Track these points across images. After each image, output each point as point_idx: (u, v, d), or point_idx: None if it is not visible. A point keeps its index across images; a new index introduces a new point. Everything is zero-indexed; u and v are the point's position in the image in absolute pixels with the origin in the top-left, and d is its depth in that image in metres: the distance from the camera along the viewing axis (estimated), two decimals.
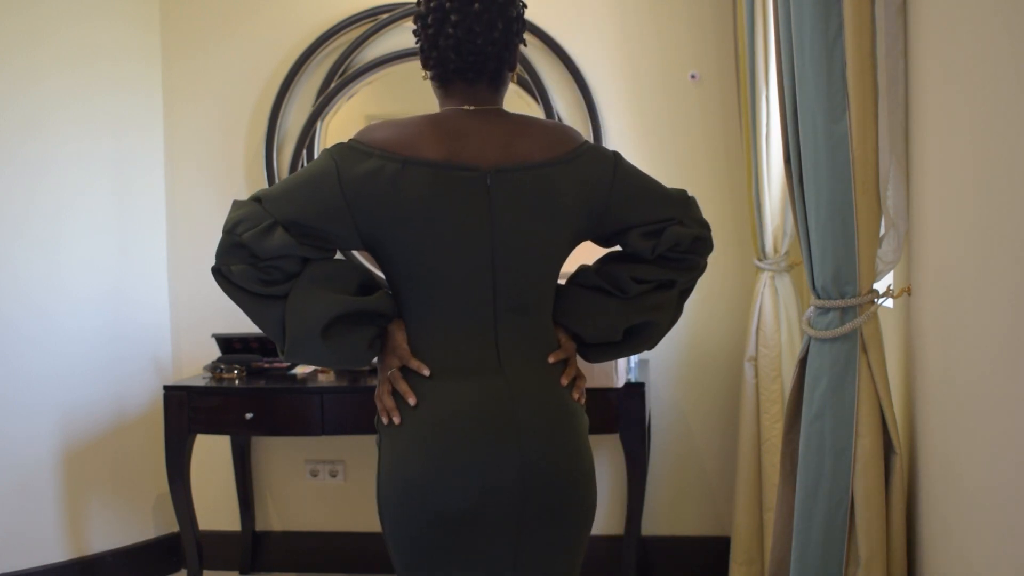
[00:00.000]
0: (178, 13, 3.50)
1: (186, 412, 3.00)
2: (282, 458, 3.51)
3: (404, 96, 3.47)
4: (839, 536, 1.81)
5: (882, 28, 1.73)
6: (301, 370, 3.14)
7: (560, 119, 3.30)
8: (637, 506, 2.87)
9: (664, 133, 3.28)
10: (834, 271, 1.80)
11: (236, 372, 3.14)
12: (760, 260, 2.96)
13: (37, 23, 3.17)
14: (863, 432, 1.79)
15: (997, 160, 1.32)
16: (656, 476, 3.29)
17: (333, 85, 3.40)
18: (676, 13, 3.27)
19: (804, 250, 1.92)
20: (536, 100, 3.29)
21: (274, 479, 3.53)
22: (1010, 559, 1.29)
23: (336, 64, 3.40)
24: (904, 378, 1.92)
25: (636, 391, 2.82)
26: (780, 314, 2.92)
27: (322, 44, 3.40)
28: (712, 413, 3.30)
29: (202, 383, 3.08)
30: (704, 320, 3.25)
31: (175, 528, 3.29)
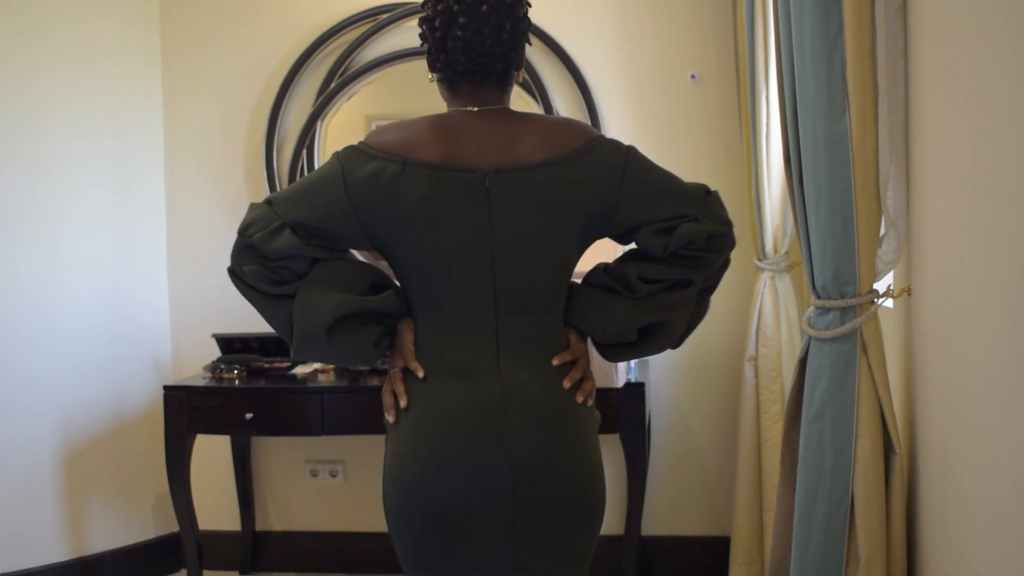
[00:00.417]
0: (178, 13, 3.50)
1: (186, 412, 3.00)
2: (282, 458, 3.51)
3: (404, 96, 3.47)
4: (839, 536, 1.81)
5: (882, 28, 1.73)
6: (301, 370, 3.14)
7: None
8: (637, 506, 2.87)
9: (664, 133, 3.28)
10: (834, 271, 1.80)
11: (236, 372, 3.14)
12: (760, 260, 2.96)
13: (37, 23, 3.17)
14: (863, 432, 1.79)
15: (997, 160, 1.32)
16: (656, 476, 3.29)
17: (333, 85, 3.40)
18: (676, 13, 3.27)
19: (804, 250, 1.92)
20: (536, 100, 3.29)
21: (274, 479, 3.53)
22: (1010, 559, 1.29)
23: (336, 64, 3.40)
24: (904, 378, 1.92)
25: (636, 391, 2.82)
26: (780, 314, 2.92)
27: (322, 44, 3.40)
28: (712, 413, 3.30)
29: (202, 383, 3.08)
30: (704, 320, 3.24)
31: (175, 528, 3.29)
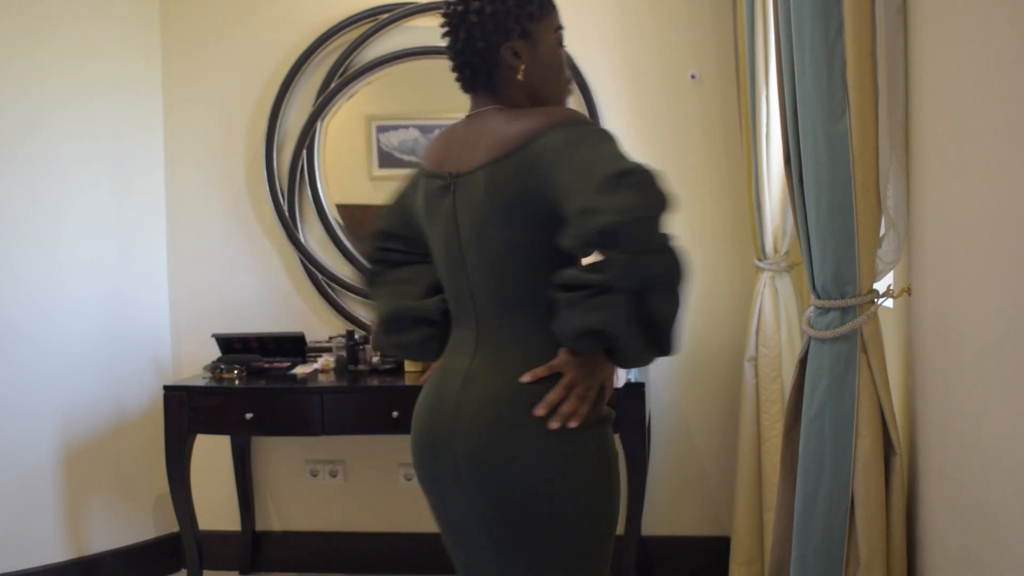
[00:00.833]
0: (178, 13, 3.50)
1: (186, 412, 3.00)
2: (282, 458, 3.51)
3: (404, 96, 3.47)
4: (839, 536, 1.81)
5: (882, 28, 1.73)
6: (301, 370, 3.14)
7: None
8: (637, 506, 2.87)
9: (664, 133, 3.28)
10: (834, 271, 1.80)
11: (236, 372, 3.14)
12: (760, 260, 2.96)
13: (37, 23, 3.17)
14: (863, 432, 1.79)
15: (997, 160, 1.32)
16: (656, 476, 3.29)
17: (333, 85, 3.40)
18: (676, 13, 3.27)
19: (804, 250, 1.92)
20: None
21: (274, 479, 3.53)
22: (1010, 559, 1.29)
23: (336, 64, 3.40)
24: (904, 378, 1.92)
25: (636, 391, 2.82)
26: (780, 314, 2.92)
27: (322, 44, 3.40)
28: (712, 413, 3.30)
29: (202, 383, 3.08)
30: (704, 320, 3.25)
31: (175, 528, 3.29)
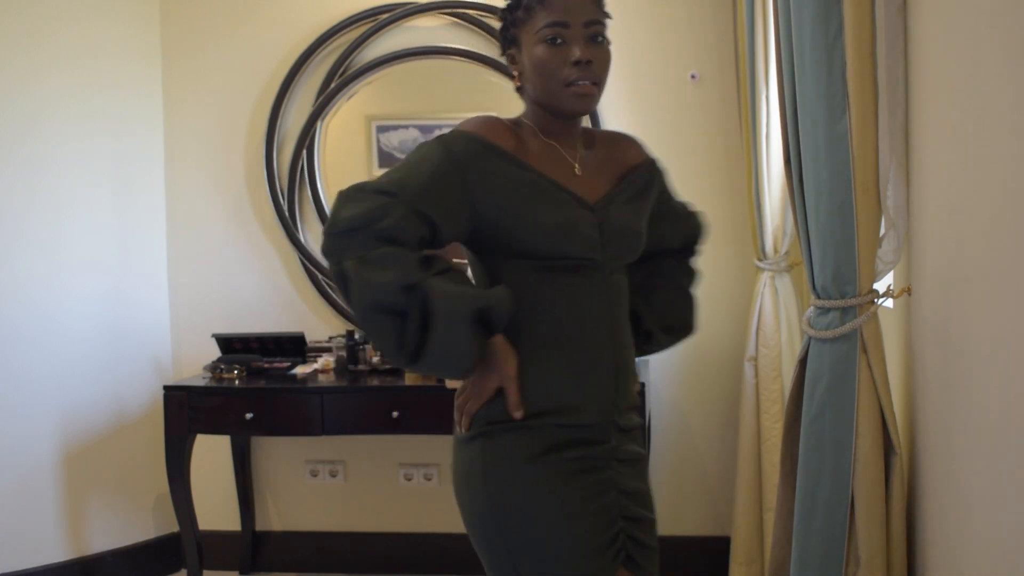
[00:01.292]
0: (178, 13, 3.51)
1: (186, 412, 3.00)
2: (282, 458, 3.51)
3: (404, 96, 3.47)
4: (839, 536, 1.81)
5: (882, 28, 1.73)
6: (301, 370, 3.14)
7: None
8: None
9: (664, 133, 3.28)
10: (834, 271, 1.80)
11: (236, 372, 3.14)
12: (760, 260, 2.96)
13: (37, 23, 3.17)
14: (863, 432, 1.78)
15: (997, 160, 1.32)
16: (656, 476, 3.29)
17: (333, 85, 3.40)
18: (676, 13, 3.27)
19: (804, 250, 1.92)
20: None
21: (274, 479, 3.53)
22: (1010, 559, 1.29)
23: (336, 64, 3.40)
24: (904, 378, 1.92)
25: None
26: (780, 314, 2.92)
27: (322, 44, 3.40)
28: (712, 413, 3.30)
29: (202, 383, 3.08)
30: (704, 320, 3.22)
31: (175, 528, 3.29)
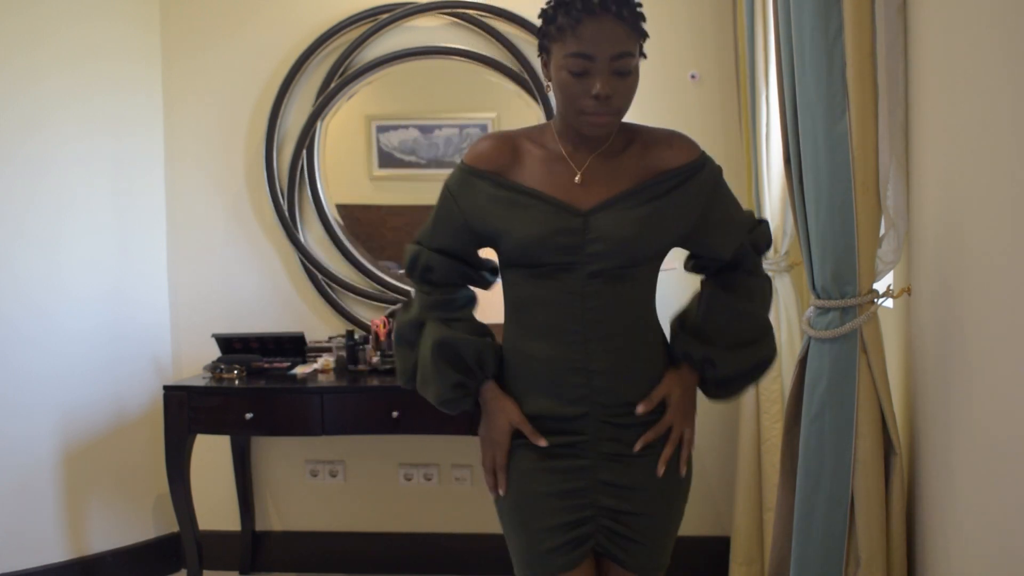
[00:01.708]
0: (178, 13, 3.50)
1: (186, 412, 3.00)
2: (282, 458, 3.51)
3: (404, 96, 3.47)
4: (839, 536, 1.81)
5: (882, 28, 1.73)
6: (301, 370, 3.14)
7: None
8: None
9: None
10: (834, 271, 1.80)
11: (236, 372, 3.14)
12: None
13: (37, 23, 3.17)
14: (863, 432, 1.78)
15: (997, 160, 1.32)
16: None
17: (333, 85, 3.40)
18: (676, 13, 3.27)
19: (804, 250, 1.92)
20: (536, 100, 3.29)
21: (274, 479, 3.53)
22: (1010, 559, 1.29)
23: (336, 64, 3.40)
24: (904, 378, 1.92)
25: None
26: (780, 314, 2.92)
27: (322, 44, 3.40)
28: (712, 413, 3.29)
29: (202, 383, 3.08)
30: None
31: (175, 528, 3.29)
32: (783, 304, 2.93)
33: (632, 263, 1.61)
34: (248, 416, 2.95)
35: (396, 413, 2.89)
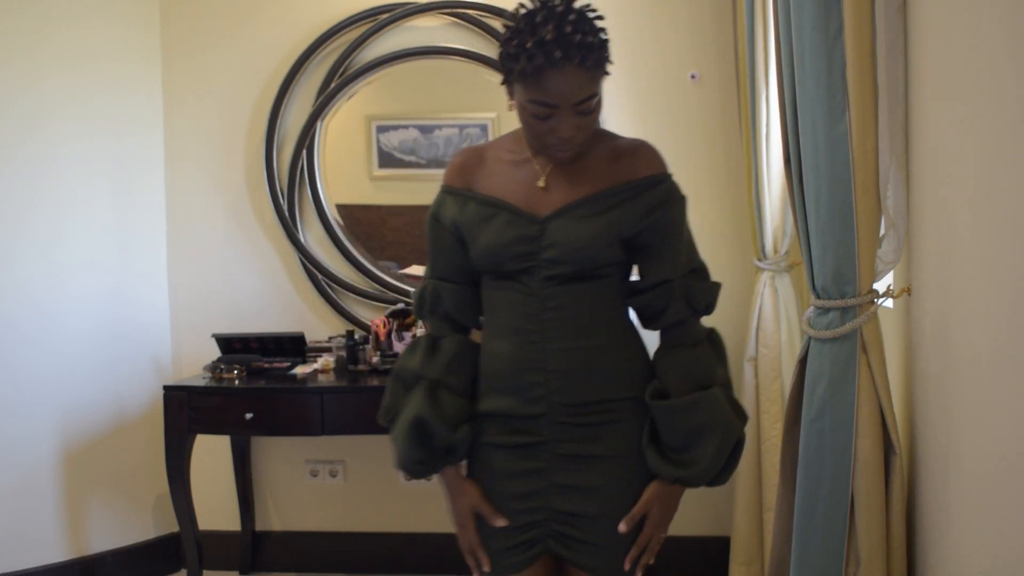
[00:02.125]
0: (178, 13, 3.50)
1: (186, 412, 3.00)
2: (282, 458, 3.51)
3: (404, 96, 3.47)
4: (839, 536, 1.81)
5: (882, 28, 1.73)
6: (301, 370, 3.14)
7: None
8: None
9: (664, 133, 3.27)
10: (834, 271, 1.80)
11: (236, 372, 3.14)
12: (760, 260, 2.96)
13: (37, 23, 3.17)
14: (863, 432, 1.78)
15: (997, 160, 1.32)
16: None
17: (333, 85, 3.40)
18: (676, 13, 3.27)
19: (804, 250, 1.92)
20: None
21: (274, 479, 3.53)
22: (1009, 559, 1.29)
23: (336, 64, 3.40)
24: (904, 378, 1.92)
25: None
26: (780, 314, 2.92)
27: (322, 44, 3.40)
28: None
29: (202, 383, 3.08)
30: (704, 320, 3.24)
31: (175, 528, 3.29)
32: (783, 304, 2.93)
33: (590, 268, 1.61)
34: (248, 416, 2.95)
35: None
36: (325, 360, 3.19)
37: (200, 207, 3.52)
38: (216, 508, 3.48)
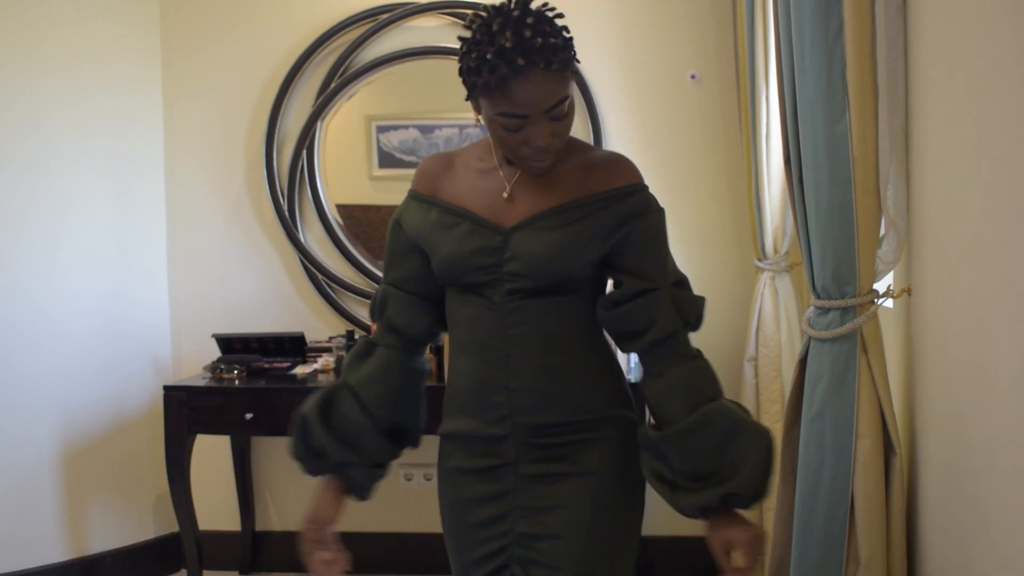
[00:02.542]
0: (178, 13, 3.50)
1: (186, 412, 3.00)
2: (282, 458, 3.51)
3: (404, 96, 3.47)
4: (839, 536, 1.81)
5: (882, 28, 1.73)
6: (301, 370, 3.14)
7: None
8: None
9: (664, 133, 3.28)
10: (834, 271, 1.80)
11: (236, 372, 3.14)
12: (760, 260, 2.96)
13: (37, 23, 3.17)
14: (863, 432, 1.79)
15: (997, 160, 1.32)
16: None
17: (333, 85, 3.40)
18: (676, 13, 3.27)
19: (804, 250, 1.92)
20: None
21: (274, 479, 3.53)
22: (1009, 559, 1.29)
23: (336, 64, 3.40)
24: (904, 378, 1.92)
25: (636, 391, 2.81)
26: (780, 314, 2.92)
27: (322, 44, 3.40)
28: None
29: (202, 383, 3.08)
30: (704, 320, 3.24)
31: (175, 528, 3.29)
32: (783, 304, 2.93)
33: (556, 282, 1.51)
34: (248, 416, 2.96)
35: None
36: (325, 360, 3.19)
37: (200, 207, 3.52)
38: (216, 508, 3.48)
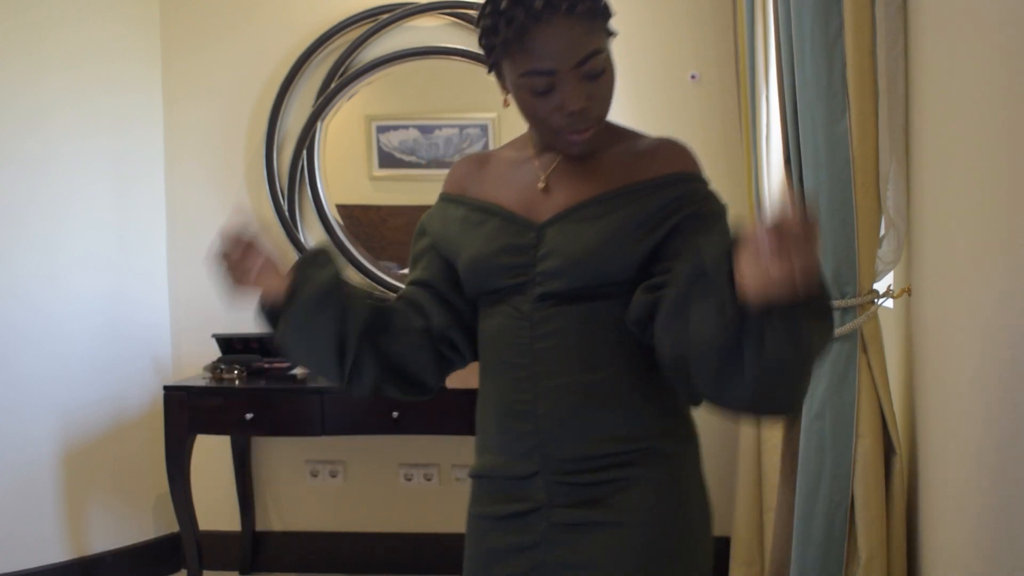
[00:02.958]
0: (178, 13, 3.50)
1: (186, 412, 3.00)
2: (282, 458, 3.51)
3: (404, 96, 3.47)
4: (839, 536, 1.81)
5: (882, 28, 1.73)
6: (301, 370, 3.14)
7: None
8: None
9: (664, 133, 3.25)
10: (834, 271, 1.80)
11: (236, 372, 3.14)
12: None
13: (37, 23, 3.17)
14: (863, 432, 1.79)
15: (997, 160, 1.32)
16: None
17: (333, 85, 3.40)
18: (676, 13, 3.27)
19: None
20: None
21: (274, 479, 3.53)
22: (1009, 559, 1.29)
23: (336, 64, 3.40)
24: (904, 378, 1.92)
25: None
26: None
27: (322, 44, 3.40)
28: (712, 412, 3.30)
29: (202, 383, 3.08)
30: None
31: (175, 528, 3.29)
32: None
33: (594, 282, 1.29)
34: (248, 416, 2.95)
35: (396, 413, 2.89)
36: None
37: (200, 207, 3.52)
38: (216, 508, 3.48)
